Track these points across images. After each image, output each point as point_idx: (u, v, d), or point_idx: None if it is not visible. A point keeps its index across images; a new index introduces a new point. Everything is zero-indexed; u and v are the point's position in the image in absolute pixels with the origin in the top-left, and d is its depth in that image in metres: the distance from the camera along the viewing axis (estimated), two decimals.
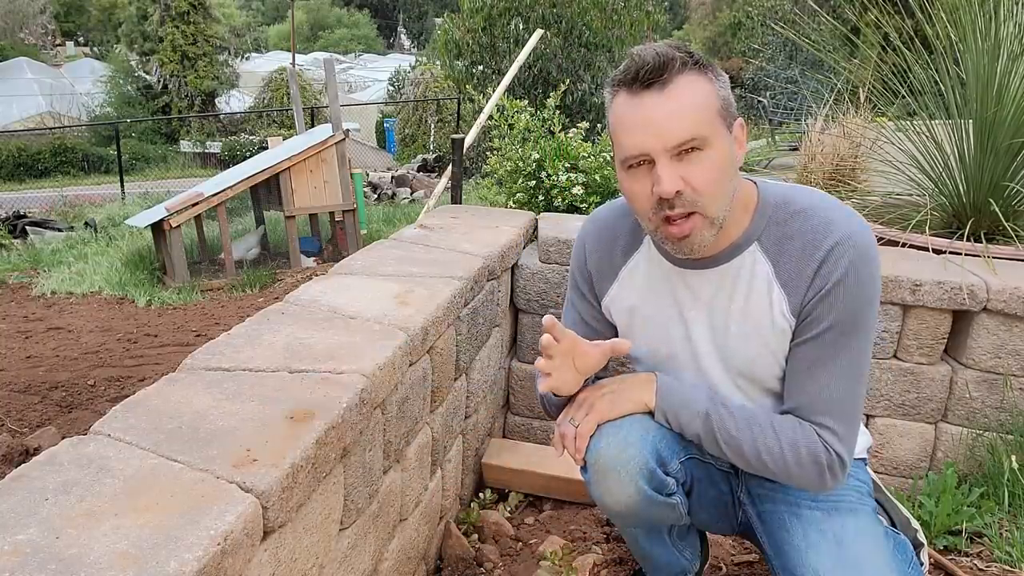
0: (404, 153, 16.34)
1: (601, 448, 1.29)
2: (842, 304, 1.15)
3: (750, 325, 1.23)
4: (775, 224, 1.20)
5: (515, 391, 2.46)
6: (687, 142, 1.09)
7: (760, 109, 10.12)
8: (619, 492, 1.27)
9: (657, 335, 1.34)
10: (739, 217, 1.21)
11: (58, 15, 36.47)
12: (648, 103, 1.10)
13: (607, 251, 1.38)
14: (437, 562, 1.88)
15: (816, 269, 1.16)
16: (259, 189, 7.36)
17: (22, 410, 3.21)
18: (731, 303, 1.24)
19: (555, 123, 3.23)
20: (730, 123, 1.14)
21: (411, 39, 50.09)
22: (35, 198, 11.31)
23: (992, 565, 1.79)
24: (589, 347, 1.24)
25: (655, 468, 1.26)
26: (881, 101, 3.01)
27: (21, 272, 7.02)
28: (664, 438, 1.30)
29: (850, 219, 1.17)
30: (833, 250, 1.14)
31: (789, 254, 1.18)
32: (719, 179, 1.12)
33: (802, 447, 1.19)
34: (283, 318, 1.53)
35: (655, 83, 1.09)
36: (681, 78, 1.09)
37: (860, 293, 1.15)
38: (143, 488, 0.93)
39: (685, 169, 1.10)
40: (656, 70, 1.08)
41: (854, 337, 1.17)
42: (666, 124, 1.08)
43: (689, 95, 1.09)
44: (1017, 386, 2.08)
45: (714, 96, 1.11)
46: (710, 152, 1.10)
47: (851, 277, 1.14)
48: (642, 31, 10.78)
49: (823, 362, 1.18)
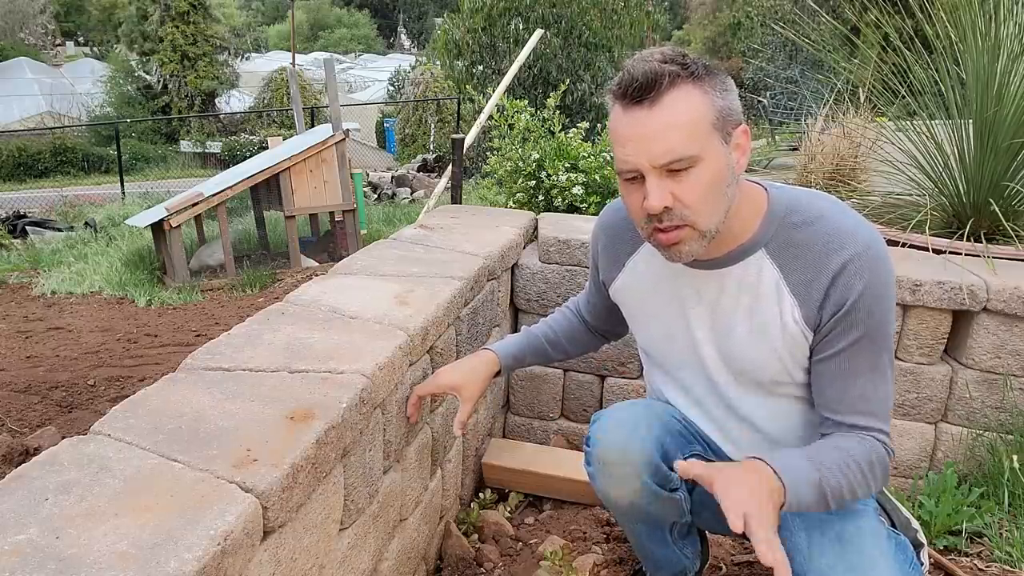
0: (404, 153, 16.34)
1: (606, 442, 1.30)
2: (865, 317, 1.15)
3: (757, 329, 1.22)
4: (784, 230, 1.19)
5: (515, 391, 2.46)
6: (675, 161, 1.08)
7: (760, 109, 10.12)
8: (623, 485, 1.27)
9: (660, 329, 1.35)
10: (747, 221, 1.20)
11: (58, 15, 36.46)
12: (637, 120, 1.09)
13: (618, 241, 1.40)
14: (437, 562, 1.88)
15: (831, 282, 1.15)
16: (259, 189, 7.36)
17: (22, 410, 3.21)
18: (736, 306, 1.23)
19: (555, 123, 3.23)
20: (729, 132, 1.12)
21: (411, 39, 50.08)
22: (35, 198, 11.31)
23: (992, 565, 1.79)
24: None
25: (659, 463, 1.27)
26: (881, 101, 3.01)
27: (21, 272, 7.02)
28: (668, 433, 1.31)
29: (861, 228, 1.17)
30: (848, 264, 1.14)
31: (799, 262, 1.18)
32: (711, 194, 1.11)
33: (875, 462, 1.18)
34: (283, 318, 1.53)
35: (644, 99, 1.07)
36: (672, 93, 1.07)
37: (880, 304, 1.16)
38: (143, 488, 0.93)
39: (675, 184, 1.09)
40: (645, 87, 1.07)
41: (880, 341, 1.18)
42: (653, 143, 1.08)
43: (679, 112, 1.07)
44: (1017, 386, 2.08)
45: (708, 109, 1.09)
46: (702, 168, 1.09)
47: (870, 291, 1.14)
48: (642, 31, 10.78)
49: (859, 371, 1.18)
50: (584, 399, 2.42)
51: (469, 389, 1.51)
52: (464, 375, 1.53)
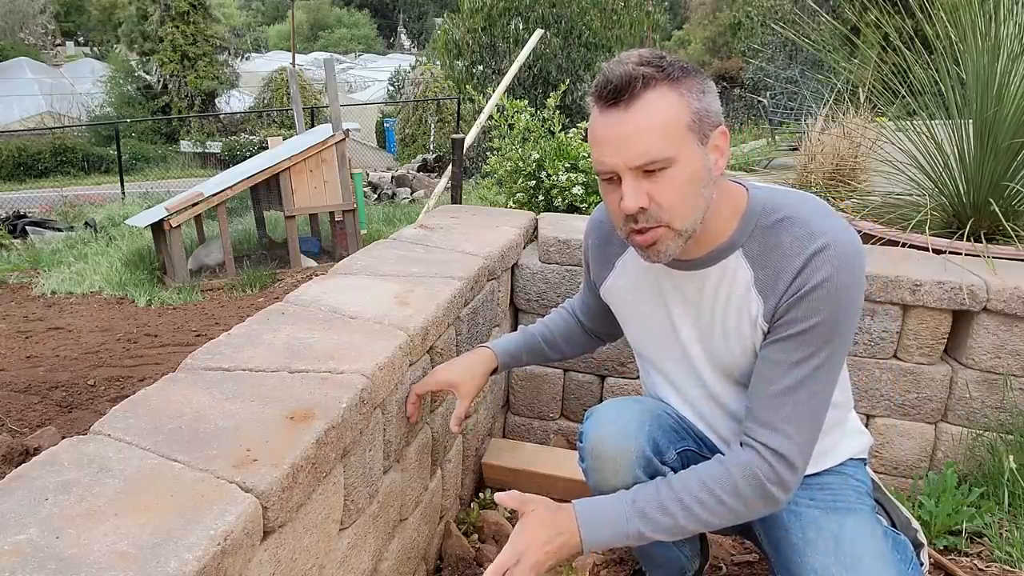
0: (404, 153, 16.35)
1: (598, 436, 1.30)
2: (816, 308, 1.12)
3: (732, 329, 1.23)
4: (760, 231, 1.19)
5: (515, 391, 2.46)
6: (649, 163, 1.09)
7: (760, 109, 10.12)
8: (616, 479, 1.28)
9: (647, 330, 1.36)
10: (726, 221, 1.20)
11: (58, 15, 36.47)
12: (613, 122, 1.09)
13: (607, 241, 1.41)
14: (437, 562, 1.88)
15: (794, 275, 1.14)
16: (259, 189, 7.36)
17: (22, 410, 3.21)
18: (715, 305, 1.24)
19: (555, 123, 3.24)
20: (706, 135, 1.11)
21: (411, 39, 50.08)
22: (35, 198, 11.31)
23: (992, 565, 1.79)
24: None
25: (651, 456, 1.28)
26: (881, 101, 3.01)
27: (21, 272, 7.02)
28: (660, 428, 1.32)
29: (834, 226, 1.14)
30: (814, 257, 1.12)
31: (770, 261, 1.17)
32: (687, 195, 1.11)
33: (740, 484, 1.15)
34: (283, 318, 1.53)
35: (620, 101, 1.08)
36: (647, 95, 1.07)
37: (837, 299, 1.11)
38: (143, 488, 0.93)
39: (651, 185, 1.10)
40: (620, 89, 1.08)
41: (826, 344, 1.13)
42: (628, 144, 1.08)
43: (654, 114, 1.07)
44: (1017, 386, 2.08)
45: (684, 111, 1.08)
46: (677, 169, 1.09)
47: (829, 283, 1.11)
48: (642, 31, 10.79)
49: (788, 364, 1.15)
50: (584, 399, 2.42)
51: (466, 386, 1.52)
52: (460, 372, 1.53)
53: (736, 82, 17.23)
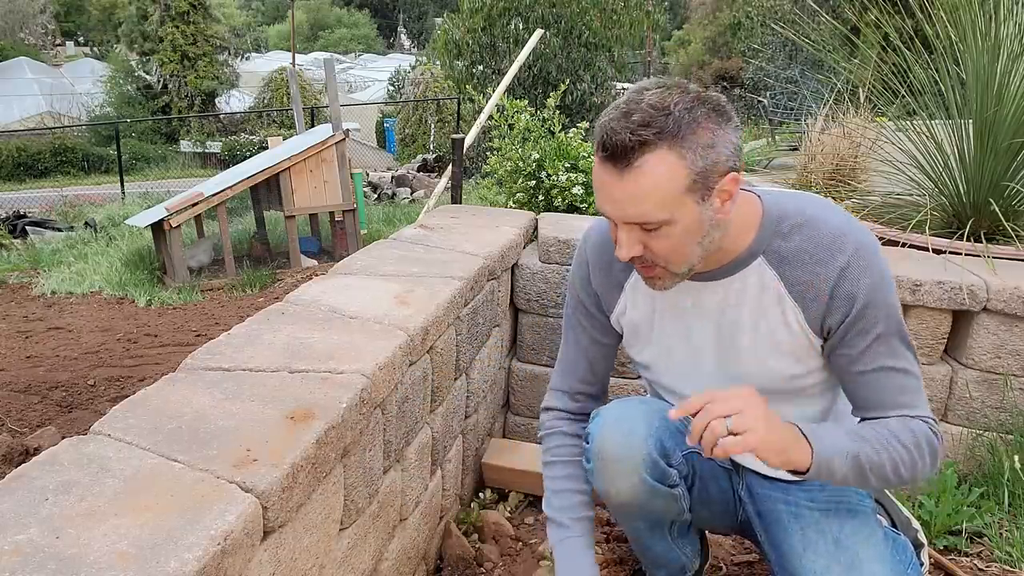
0: (404, 153, 16.34)
1: (605, 438, 1.30)
2: (878, 313, 1.16)
3: (763, 337, 1.23)
4: (779, 237, 1.20)
5: (515, 391, 2.46)
6: (644, 224, 1.10)
7: (760, 109, 10.12)
8: (622, 482, 1.28)
9: (662, 343, 1.34)
10: (743, 233, 1.20)
11: (58, 15, 36.48)
12: (609, 179, 1.08)
13: (608, 268, 1.38)
14: (437, 562, 1.88)
15: (832, 288, 1.16)
16: (259, 189, 7.36)
17: (22, 410, 3.21)
18: (740, 315, 1.23)
19: (555, 123, 3.23)
20: (709, 188, 1.08)
21: (411, 39, 50.07)
22: (35, 198, 11.30)
23: (992, 565, 1.79)
24: None
25: (658, 459, 1.27)
26: (881, 101, 3.01)
27: (21, 272, 7.02)
28: (667, 429, 1.31)
29: (851, 227, 1.18)
30: (847, 269, 1.15)
31: (796, 267, 1.18)
32: (681, 248, 1.12)
33: (923, 443, 1.18)
34: (283, 318, 1.53)
35: (617, 163, 1.06)
36: (645, 160, 1.04)
37: (886, 297, 1.17)
38: (143, 488, 0.93)
39: (647, 237, 1.12)
40: (616, 155, 1.06)
41: (897, 331, 1.19)
42: (622, 207, 1.09)
43: (648, 184, 1.05)
44: (1017, 386, 2.08)
45: (683, 175, 1.05)
46: (673, 228, 1.09)
47: (874, 289, 1.15)
48: (642, 31, 10.79)
49: (888, 366, 1.19)
50: None
51: None
52: None
53: (736, 82, 17.22)
